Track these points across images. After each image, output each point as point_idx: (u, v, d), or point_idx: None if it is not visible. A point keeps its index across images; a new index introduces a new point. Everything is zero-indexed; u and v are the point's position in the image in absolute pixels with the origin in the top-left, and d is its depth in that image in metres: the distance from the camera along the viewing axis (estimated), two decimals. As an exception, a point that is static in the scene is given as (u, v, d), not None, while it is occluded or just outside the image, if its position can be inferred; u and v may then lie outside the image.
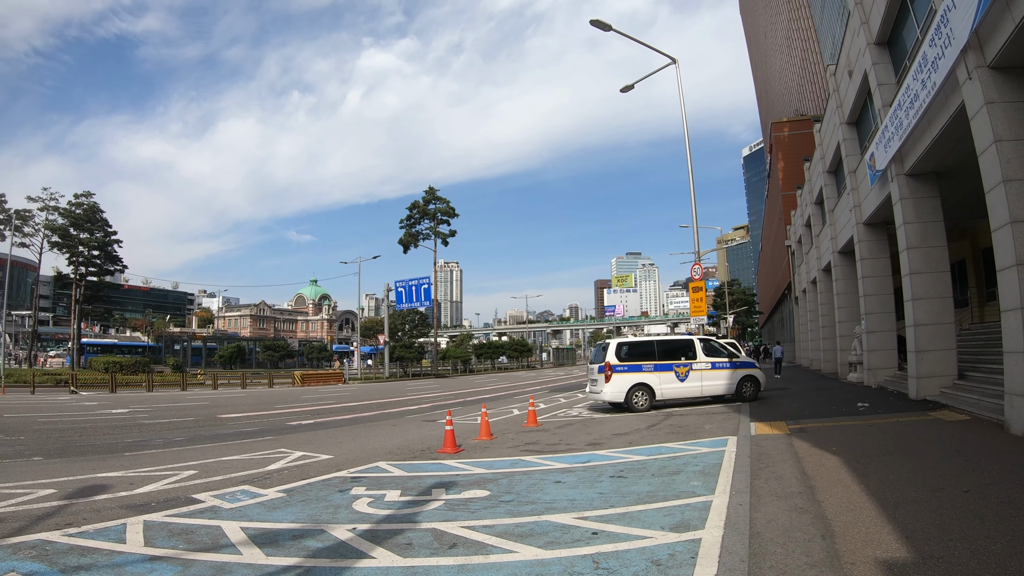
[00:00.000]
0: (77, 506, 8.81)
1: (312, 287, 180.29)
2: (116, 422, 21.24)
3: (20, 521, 7.98)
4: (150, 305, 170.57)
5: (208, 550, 6.59)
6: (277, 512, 8.26)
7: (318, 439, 16.65)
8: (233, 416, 23.45)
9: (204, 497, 9.21)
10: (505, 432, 16.88)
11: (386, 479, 10.58)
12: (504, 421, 20.09)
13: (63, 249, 64.48)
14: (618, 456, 11.96)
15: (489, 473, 10.79)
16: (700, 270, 25.75)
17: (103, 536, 7.17)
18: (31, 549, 6.70)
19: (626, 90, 26.81)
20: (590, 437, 15.18)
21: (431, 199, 75.74)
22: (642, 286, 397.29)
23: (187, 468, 11.83)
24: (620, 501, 8.15)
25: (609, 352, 21.01)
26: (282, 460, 12.79)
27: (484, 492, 9.15)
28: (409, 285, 67.72)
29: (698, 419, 17.35)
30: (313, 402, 31.04)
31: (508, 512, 7.86)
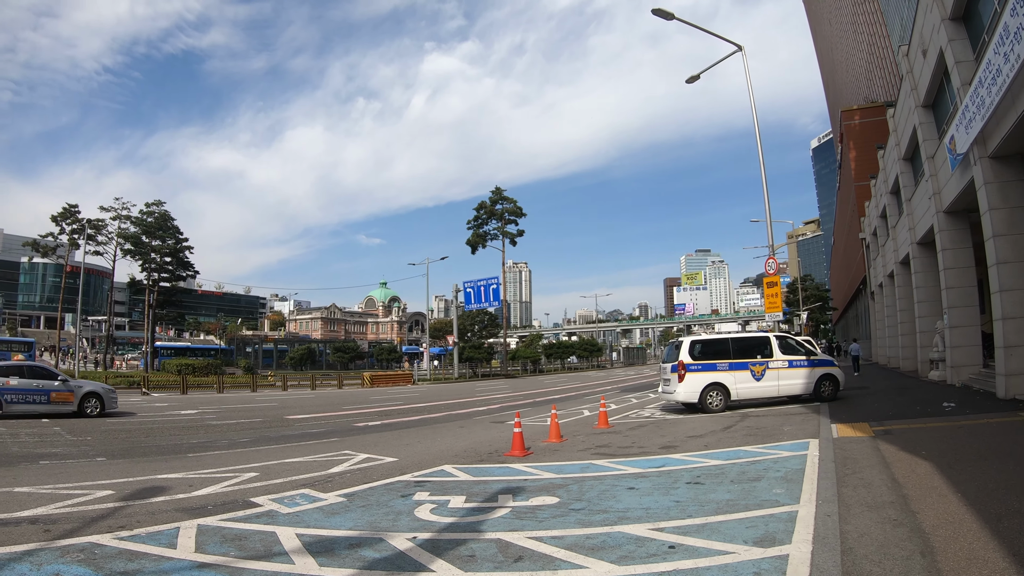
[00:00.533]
0: (132, 508, 8.65)
1: (382, 289, 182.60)
2: (184, 423, 21.42)
3: (73, 523, 7.83)
4: (223, 309, 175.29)
5: (259, 558, 6.30)
6: (335, 518, 7.94)
7: (384, 441, 16.42)
8: (300, 417, 23.48)
9: (262, 501, 8.96)
10: (575, 434, 16.40)
11: (451, 484, 10.19)
12: (574, 423, 19.63)
13: (136, 256, 67.13)
14: (694, 460, 11.38)
15: (558, 478, 10.31)
16: (775, 264, 24.84)
17: (154, 540, 6.95)
18: (79, 552, 6.53)
19: (692, 80, 26.12)
20: (664, 440, 14.61)
21: (498, 199, 75.72)
22: (712, 284, 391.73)
23: (249, 470, 11.66)
24: (698, 511, 7.59)
25: (682, 350, 20.36)
26: (346, 463, 12.53)
27: (553, 499, 8.67)
28: (478, 286, 67.62)
29: (776, 420, 16.63)
30: (381, 403, 30.99)
31: (578, 521, 7.37)
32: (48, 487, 10.02)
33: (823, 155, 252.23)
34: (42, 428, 18.95)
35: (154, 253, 67.30)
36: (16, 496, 9.36)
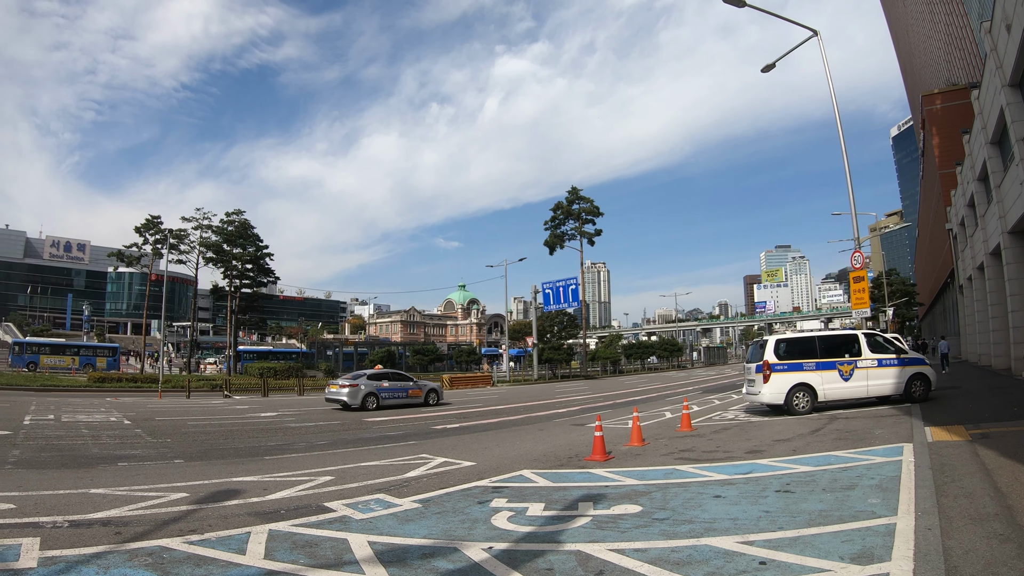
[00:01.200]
0: (205, 511, 8.62)
1: (460, 292, 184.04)
2: (263, 425, 21.65)
3: (145, 525, 7.83)
4: (304, 314, 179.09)
5: (329, 567, 6.14)
6: (409, 525, 7.75)
7: (462, 444, 16.24)
8: (379, 420, 23.51)
9: (336, 506, 8.84)
10: (658, 437, 15.97)
11: (529, 490, 9.90)
12: (656, 425, 19.20)
13: (217, 264, 69.94)
14: (782, 466, 10.86)
15: (641, 485, 9.93)
16: (861, 258, 23.72)
17: (223, 545, 6.88)
18: (147, 556, 6.49)
19: (767, 69, 25.29)
20: (750, 443, 14.07)
21: (574, 199, 75.31)
22: (792, 280, 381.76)
23: (324, 474, 11.61)
24: (789, 522, 7.13)
25: (767, 350, 19.68)
26: (422, 467, 12.37)
27: (636, 507, 8.30)
28: (556, 286, 67.27)
29: (866, 423, 15.88)
30: (460, 405, 30.93)
31: (662, 533, 7.01)
32: (124, 489, 10.10)
33: (904, 143, 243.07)
34: (123, 430, 19.37)
35: (235, 260, 69.68)
36: (91, 498, 9.44)
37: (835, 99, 24.11)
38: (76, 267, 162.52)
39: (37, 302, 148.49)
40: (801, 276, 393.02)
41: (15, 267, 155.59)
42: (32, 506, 8.80)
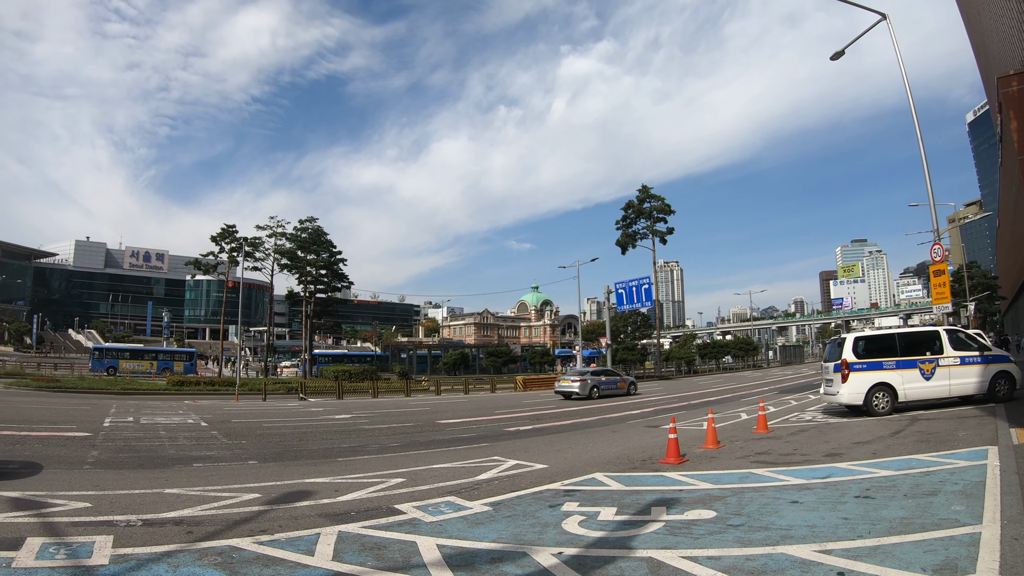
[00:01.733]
0: (276, 512, 8.69)
1: (533, 293, 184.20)
2: (337, 427, 21.89)
3: (216, 525, 7.94)
4: (378, 317, 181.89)
5: (396, 569, 6.11)
6: (479, 529, 7.68)
7: (534, 446, 16.12)
8: (452, 422, 23.59)
9: (406, 508, 8.82)
10: (733, 439, 15.64)
11: (601, 494, 9.74)
12: (731, 427, 18.83)
13: (292, 270, 71.86)
14: (862, 470, 10.47)
15: (716, 489, 9.69)
16: (941, 251, 22.79)
17: (292, 546, 6.91)
18: (217, 556, 6.56)
19: (836, 57, 24.58)
20: (827, 446, 13.65)
21: (645, 197, 74.59)
22: (869, 275, 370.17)
23: (396, 476, 11.63)
24: (869, 530, 6.82)
25: (845, 348, 19.10)
26: (494, 469, 12.30)
27: (710, 512, 8.07)
28: (629, 286, 66.58)
29: (948, 424, 15.27)
30: (533, 407, 30.85)
31: (737, 540, 6.78)
32: (197, 489, 10.28)
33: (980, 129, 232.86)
34: (200, 432, 19.80)
35: (309, 267, 71.43)
36: (165, 497, 9.62)
37: (908, 85, 23.27)
38: (155, 276, 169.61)
39: (118, 310, 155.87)
40: (878, 271, 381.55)
41: (96, 277, 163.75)
42: (107, 505, 9.01)
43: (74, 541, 7.03)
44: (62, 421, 21.80)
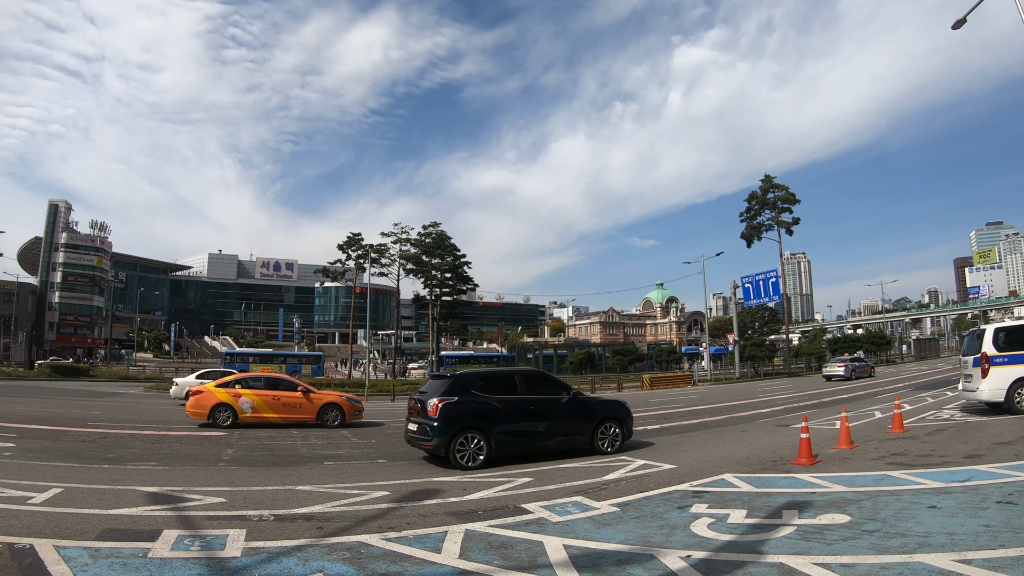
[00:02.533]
0: (404, 510, 8.81)
1: (659, 290, 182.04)
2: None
3: (346, 521, 8.10)
4: (504, 318, 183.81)
5: (522, 569, 6.07)
6: (606, 530, 7.56)
7: (662, 446, 15.82)
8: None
9: (533, 507, 8.78)
10: (867, 439, 14.90)
11: (731, 495, 9.45)
12: (865, 426, 17.98)
13: (417, 274, 74.55)
14: (1004, 473, 9.83)
15: (849, 492, 9.26)
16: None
17: (420, 543, 6.98)
18: (346, 551, 6.70)
19: (958, 26, 23.10)
20: (967, 447, 12.86)
21: (768, 187, 72.26)
22: (1007, 261, 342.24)
23: (523, 475, 11.61)
24: (1011, 539, 6.37)
25: (985, 340, 17.76)
26: (622, 469, 12.11)
27: (843, 517, 7.70)
28: (756, 280, 64.82)
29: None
30: (660, 406, 30.33)
31: (871, 547, 6.43)
32: (328, 486, 10.54)
33: None
34: (330, 432, 20.36)
35: (434, 270, 73.35)
36: (297, 494, 9.91)
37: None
38: (285, 284, 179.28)
39: (251, 317, 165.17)
40: (1016, 256, 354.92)
41: (230, 287, 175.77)
42: (241, 500, 9.35)
43: (208, 534, 7.30)
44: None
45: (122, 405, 30.30)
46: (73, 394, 37.18)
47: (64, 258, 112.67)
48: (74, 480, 10.79)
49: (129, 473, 12.00)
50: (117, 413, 25.73)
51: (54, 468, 12.27)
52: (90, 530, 7.47)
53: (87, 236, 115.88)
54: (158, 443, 16.81)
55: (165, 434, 18.81)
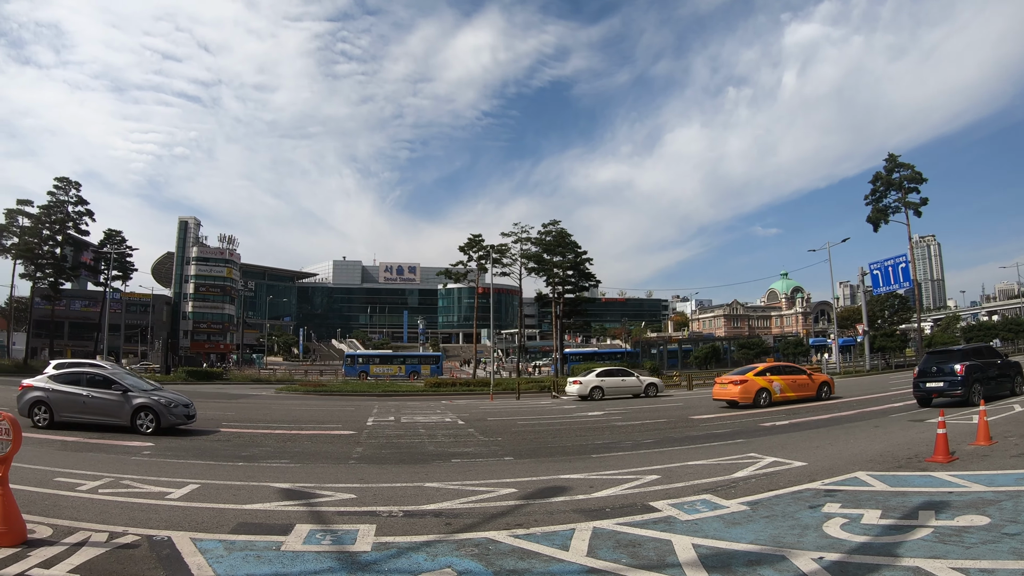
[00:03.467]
0: (531, 507, 8.87)
1: (783, 281, 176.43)
2: (590, 424, 22.04)
3: (474, 518, 8.24)
4: (626, 314, 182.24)
5: (651, 568, 6.03)
6: (736, 529, 7.42)
7: (792, 442, 15.32)
8: (705, 417, 23.04)
9: (661, 505, 8.69)
10: (1007, 435, 13.97)
11: (864, 495, 9.10)
12: (1004, 420, 16.87)
13: (539, 273, 74.66)
14: None
15: (989, 492, 8.75)
16: None
17: (548, 540, 7.01)
18: (474, 547, 6.81)
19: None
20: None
21: (893, 167, 68.48)
22: None
23: (650, 473, 11.48)
24: None
25: None
26: (750, 467, 11.82)
27: (983, 519, 7.30)
28: (884, 266, 61.76)
29: None
30: (788, 401, 29.41)
31: (1012, 551, 6.10)
32: (455, 483, 10.72)
33: None
34: (457, 430, 20.70)
35: (556, 268, 73.41)
36: (425, 491, 10.13)
37: None
38: (408, 287, 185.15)
39: (376, 320, 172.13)
40: None
41: (354, 292, 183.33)
42: (371, 497, 9.63)
43: (339, 529, 7.58)
44: (328, 421, 23.69)
45: (254, 406, 31.72)
46: (207, 396, 38.99)
47: (195, 270, 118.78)
48: (209, 477, 11.40)
49: (262, 470, 12.56)
50: (250, 413, 26.97)
51: (190, 466, 13.00)
52: (225, 524, 7.89)
53: (216, 249, 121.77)
54: (290, 442, 17.46)
55: (296, 433, 19.53)
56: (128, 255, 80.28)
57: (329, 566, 6.27)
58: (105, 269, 78.08)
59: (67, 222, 73.73)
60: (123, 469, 12.10)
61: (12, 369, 63.23)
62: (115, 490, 9.97)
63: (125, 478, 10.96)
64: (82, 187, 74.35)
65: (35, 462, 11.97)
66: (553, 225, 74.35)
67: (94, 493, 9.72)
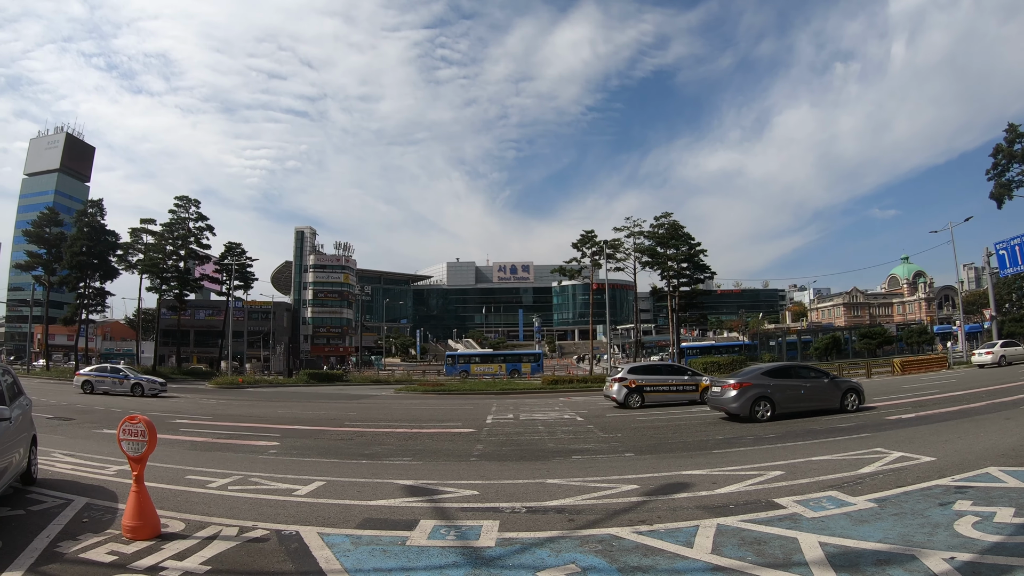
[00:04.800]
0: (654, 503, 8.87)
1: (903, 265, 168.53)
2: (710, 419, 21.57)
3: (596, 514, 8.30)
4: (743, 305, 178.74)
5: (777, 566, 5.97)
6: (863, 527, 7.23)
7: (919, 436, 14.69)
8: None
9: (785, 502, 8.55)
10: None
11: (997, 492, 8.69)
12: None
13: (653, 267, 74.30)
14: None
15: None
16: None
17: (671, 537, 7.02)
18: (598, 543, 6.85)
19: None
20: None
21: (1015, 137, 63.90)
22: None
23: (773, 468, 11.30)
24: None
25: None
26: (877, 462, 11.44)
27: None
28: (1011, 245, 57.94)
29: None
30: (913, 392, 28.16)
31: None
32: (577, 480, 10.79)
33: None
34: (576, 427, 20.73)
35: (670, 261, 72.77)
36: (547, 487, 10.25)
37: None
38: (522, 286, 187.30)
39: (491, 319, 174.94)
40: None
41: (469, 292, 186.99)
42: (493, 493, 9.81)
43: (463, 524, 7.78)
44: (448, 419, 24.09)
45: (375, 406, 32.50)
46: (329, 398, 40.26)
47: (313, 277, 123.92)
48: (334, 474, 11.85)
49: (385, 468, 12.94)
50: (371, 413, 27.71)
51: (315, 464, 13.52)
52: (351, 519, 8.20)
53: (332, 256, 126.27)
54: (411, 440, 17.86)
55: (417, 431, 19.94)
56: (248, 265, 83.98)
57: (454, 561, 6.44)
58: (227, 279, 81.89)
59: (189, 237, 77.91)
60: (251, 467, 12.69)
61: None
62: (244, 487, 10.48)
63: (253, 475, 11.51)
64: (201, 204, 78.64)
65: (167, 461, 12.65)
66: (665, 217, 73.68)
67: (224, 490, 10.26)
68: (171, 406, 31.04)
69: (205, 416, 25.52)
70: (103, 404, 30.56)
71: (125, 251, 76.07)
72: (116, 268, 75.80)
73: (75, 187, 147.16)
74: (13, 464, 8.77)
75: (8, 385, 9.48)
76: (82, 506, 8.79)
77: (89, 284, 74.60)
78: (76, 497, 9.27)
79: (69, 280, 73.77)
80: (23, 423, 9.69)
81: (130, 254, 76.32)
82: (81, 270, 72.48)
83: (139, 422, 7.28)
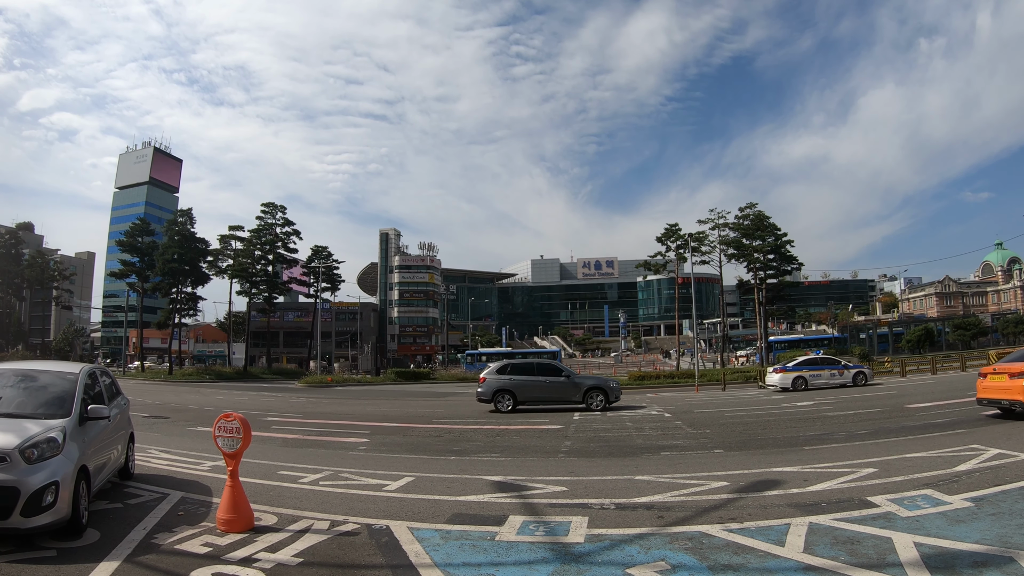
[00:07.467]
0: (744, 501, 8.78)
1: (998, 251, 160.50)
2: (800, 415, 21.33)
3: (686, 511, 8.26)
4: (831, 297, 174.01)
5: (870, 567, 5.85)
6: (959, 527, 6.99)
7: (1018, 432, 14.08)
8: (921, 406, 21.66)
9: (879, 501, 8.33)
10: None
11: (1101, 492, 8.30)
12: None
13: (739, 259, 73.33)
14: None
15: None
16: None
17: (762, 535, 6.94)
18: (687, 540, 6.82)
19: None
20: None
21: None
22: None
23: (866, 465, 10.99)
24: None
25: None
26: (973, 459, 11.02)
27: None
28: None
29: None
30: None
31: None
32: (666, 476, 10.75)
33: None
34: (664, 423, 20.62)
35: (756, 253, 71.51)
36: (636, 484, 10.24)
37: None
38: (607, 282, 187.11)
39: (576, 316, 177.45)
40: None
41: (554, 289, 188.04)
42: (582, 489, 9.84)
43: (551, 520, 7.84)
44: (535, 416, 24.05)
45: (462, 403, 32.58)
46: (416, 395, 40.85)
47: (398, 278, 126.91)
48: (423, 470, 12.04)
49: (473, 464, 13.09)
50: (458, 410, 27.88)
51: (404, 460, 13.74)
52: (440, 514, 8.33)
53: (417, 257, 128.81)
54: (499, 437, 17.97)
55: (504, 428, 20.05)
56: (335, 268, 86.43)
57: (543, 556, 6.50)
58: (314, 282, 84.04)
59: (276, 242, 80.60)
60: (341, 463, 12.93)
61: (233, 376, 71.80)
62: (335, 482, 10.74)
63: (344, 471, 11.76)
64: (287, 209, 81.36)
65: (259, 457, 12.93)
66: (750, 208, 72.62)
67: (315, 485, 10.52)
68: (262, 404, 32.04)
69: (295, 414, 26.19)
70: (196, 403, 31.80)
71: (215, 257, 79.24)
72: (207, 273, 79.23)
73: (164, 198, 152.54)
74: (112, 460, 9.29)
75: (107, 386, 10.01)
76: (177, 500, 9.14)
77: (181, 289, 77.72)
78: (172, 491, 9.63)
79: (162, 286, 77.23)
80: (121, 421, 10.21)
81: (220, 260, 79.46)
82: (173, 276, 75.62)
83: (234, 419, 7.56)
